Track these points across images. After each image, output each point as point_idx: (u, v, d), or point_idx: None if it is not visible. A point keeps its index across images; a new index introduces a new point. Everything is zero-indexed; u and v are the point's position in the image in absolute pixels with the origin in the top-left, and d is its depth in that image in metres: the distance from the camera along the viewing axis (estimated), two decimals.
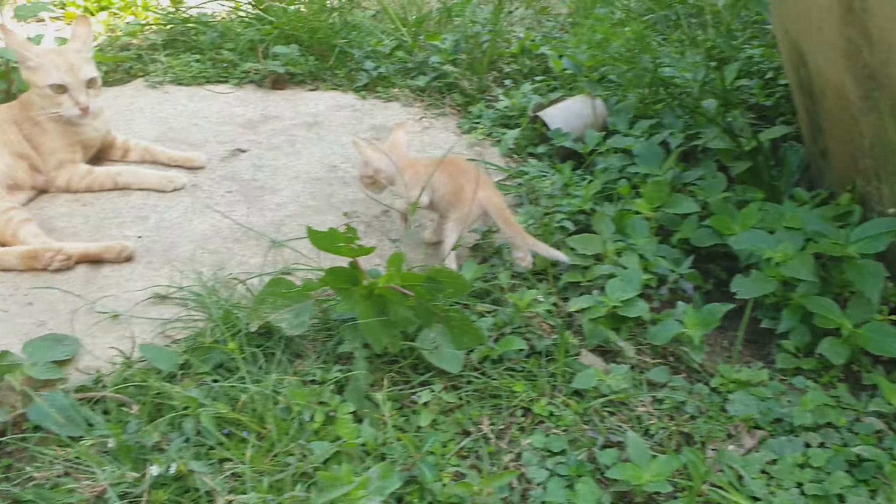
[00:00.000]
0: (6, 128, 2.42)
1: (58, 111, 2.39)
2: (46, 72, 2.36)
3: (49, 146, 2.44)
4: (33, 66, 2.37)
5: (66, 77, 2.36)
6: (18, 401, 1.69)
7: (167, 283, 2.09)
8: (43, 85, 2.36)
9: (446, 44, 3.37)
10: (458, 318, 1.73)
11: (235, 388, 1.68)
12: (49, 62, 2.36)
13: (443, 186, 2.21)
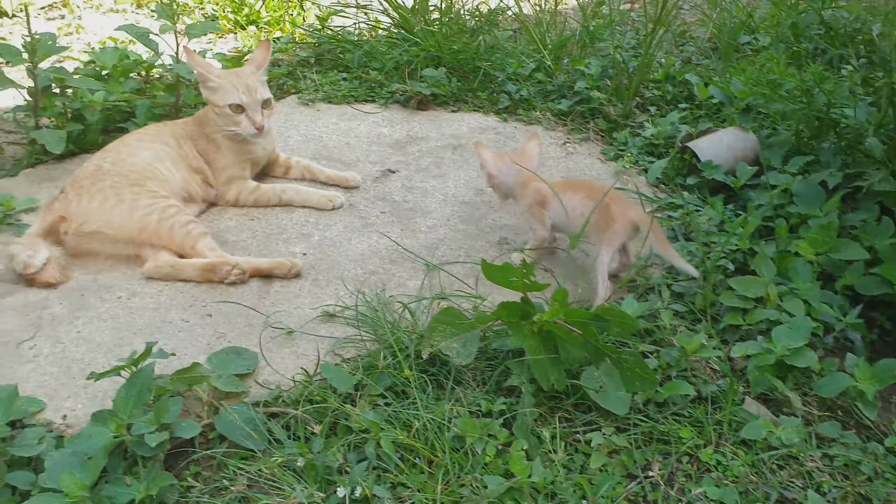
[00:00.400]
0: (183, 143, 2.57)
1: (235, 129, 2.52)
2: (226, 92, 2.50)
3: (221, 162, 2.58)
4: (214, 87, 2.51)
5: (244, 98, 2.50)
6: (204, 411, 1.80)
7: (334, 302, 2.18)
8: (223, 105, 2.50)
9: (592, 69, 3.38)
10: (631, 360, 1.74)
11: (409, 413, 1.74)
12: (228, 83, 2.50)
13: (579, 206, 2.24)
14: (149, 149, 2.49)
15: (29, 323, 2.10)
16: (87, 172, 2.38)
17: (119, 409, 1.63)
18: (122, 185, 2.33)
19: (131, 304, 2.17)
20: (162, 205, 2.32)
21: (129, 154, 2.44)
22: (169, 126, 2.65)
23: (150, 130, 2.61)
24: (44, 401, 1.83)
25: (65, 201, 2.33)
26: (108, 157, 2.44)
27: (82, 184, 2.35)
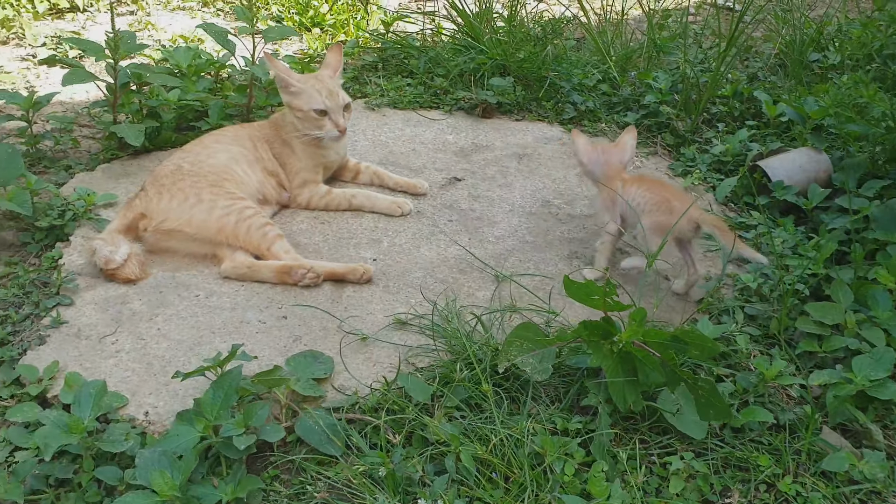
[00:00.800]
0: (259, 145, 2.62)
1: (318, 133, 2.57)
2: (310, 97, 2.54)
3: (296, 166, 2.62)
4: (296, 91, 2.55)
5: (327, 102, 2.54)
6: (283, 414, 1.83)
7: (405, 309, 2.20)
8: (307, 109, 2.54)
9: (661, 83, 3.35)
10: (707, 389, 1.72)
11: (485, 428, 1.74)
12: (311, 88, 2.54)
13: (639, 197, 2.29)
14: (227, 150, 2.53)
15: (110, 318, 2.15)
16: (167, 171, 2.43)
17: (206, 409, 1.67)
18: (202, 186, 2.37)
19: (209, 303, 2.21)
20: (239, 206, 2.36)
21: (207, 155, 2.49)
22: (246, 128, 2.69)
23: (228, 132, 2.65)
24: (127, 396, 1.88)
25: (145, 199, 2.38)
26: (187, 157, 2.49)
27: (163, 182, 2.40)
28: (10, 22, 4.10)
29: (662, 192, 2.31)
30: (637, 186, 2.34)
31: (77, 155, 3.02)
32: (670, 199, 2.27)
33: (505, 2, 4.16)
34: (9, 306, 2.20)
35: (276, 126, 2.66)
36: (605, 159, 2.42)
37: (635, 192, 2.32)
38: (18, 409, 1.81)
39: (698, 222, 2.24)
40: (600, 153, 2.44)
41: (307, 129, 2.58)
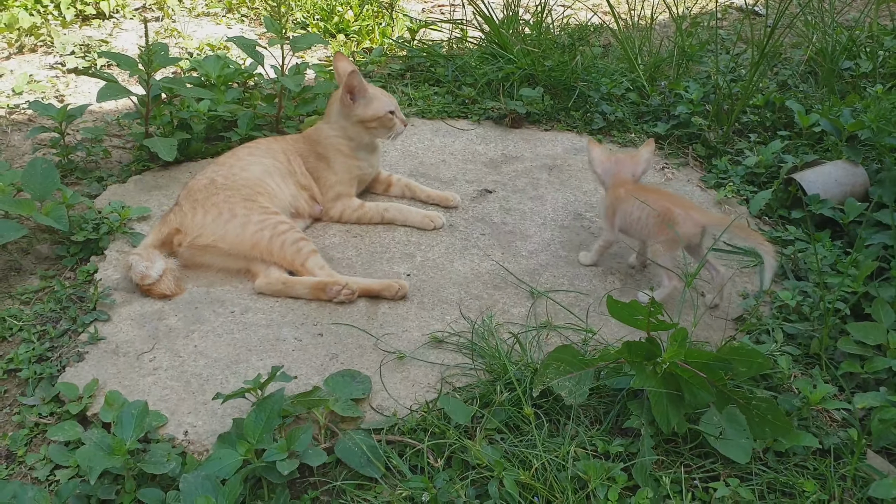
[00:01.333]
0: (292, 159, 2.62)
1: (391, 132, 2.66)
2: (381, 101, 2.63)
3: (331, 179, 2.62)
4: (371, 97, 2.63)
5: (393, 103, 2.66)
6: (321, 435, 1.82)
7: (440, 326, 2.19)
8: (384, 112, 2.63)
9: (693, 93, 3.32)
10: (763, 406, 1.70)
11: (527, 451, 1.73)
12: (379, 93, 2.66)
13: (637, 210, 2.32)
14: (260, 164, 2.53)
15: (147, 334, 2.15)
16: (201, 185, 2.44)
17: (248, 433, 1.67)
18: (235, 200, 2.38)
19: (245, 320, 2.21)
20: (273, 221, 2.35)
21: (241, 168, 2.49)
22: (279, 142, 2.69)
23: (262, 145, 2.65)
24: (166, 415, 1.88)
25: (180, 214, 2.38)
26: (220, 170, 2.49)
27: (196, 197, 2.40)
28: (38, 29, 4.13)
29: (663, 201, 2.32)
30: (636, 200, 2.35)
31: (108, 166, 3.03)
32: (671, 207, 2.29)
33: (530, 8, 4.14)
34: (46, 321, 2.21)
35: (311, 141, 2.67)
36: (618, 170, 2.44)
37: (636, 204, 2.34)
38: (59, 427, 1.82)
39: (704, 225, 2.29)
40: (613, 164, 2.46)
41: (378, 134, 2.67)
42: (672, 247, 2.29)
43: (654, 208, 2.30)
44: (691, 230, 2.27)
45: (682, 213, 2.27)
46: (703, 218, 2.30)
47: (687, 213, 2.28)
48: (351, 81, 2.58)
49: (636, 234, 2.39)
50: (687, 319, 2.18)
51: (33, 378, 2.01)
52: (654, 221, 2.30)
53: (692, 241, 2.30)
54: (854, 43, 3.86)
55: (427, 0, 5.16)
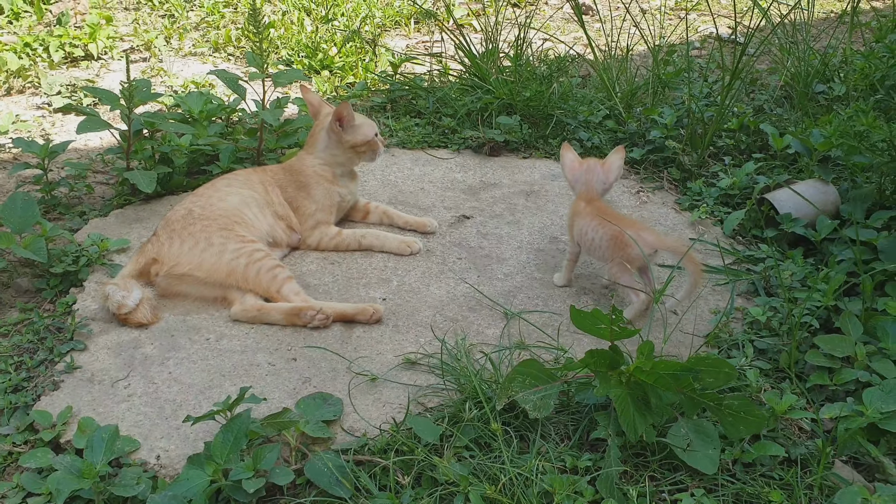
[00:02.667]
0: (270, 189, 2.66)
1: (376, 154, 2.79)
2: (368, 126, 2.78)
3: (310, 208, 2.66)
4: (358, 125, 2.74)
5: (374, 126, 2.77)
6: (292, 456, 1.84)
7: (414, 349, 2.21)
8: (372, 135, 2.76)
9: (667, 118, 3.38)
10: (735, 405, 1.72)
11: (494, 467, 1.74)
12: (362, 119, 2.78)
13: (592, 231, 2.39)
14: (237, 194, 2.58)
15: (122, 362, 2.17)
16: (178, 216, 2.48)
17: (216, 453, 1.68)
18: (212, 230, 2.41)
19: (220, 346, 2.23)
20: (249, 248, 2.39)
21: (218, 199, 2.53)
22: (258, 172, 2.74)
23: (240, 176, 2.70)
24: (139, 440, 1.90)
25: (157, 244, 2.42)
26: (198, 201, 2.53)
27: (174, 227, 2.44)
28: (27, 71, 4.20)
29: (615, 224, 2.37)
30: (592, 220, 2.42)
31: (91, 200, 3.07)
32: (622, 230, 2.34)
33: (511, 41, 4.22)
34: (24, 352, 2.23)
35: (293, 171, 2.72)
36: (587, 178, 2.48)
37: (591, 225, 2.41)
38: (32, 454, 1.83)
39: (656, 248, 2.35)
40: (584, 171, 2.50)
41: (366, 157, 2.78)
42: (625, 269, 2.34)
43: (606, 232, 2.36)
44: (646, 251, 2.31)
45: (634, 236, 2.31)
46: (654, 240, 2.35)
47: (638, 235, 2.32)
48: (342, 111, 2.68)
49: (592, 255, 2.45)
50: (657, 337, 2.21)
51: (8, 408, 2.03)
52: (607, 244, 2.35)
53: (644, 262, 2.34)
54: (827, 67, 3.93)
55: (411, 36, 5.26)
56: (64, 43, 4.48)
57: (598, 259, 2.45)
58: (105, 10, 5.29)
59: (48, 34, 4.54)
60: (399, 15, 5.42)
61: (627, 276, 2.34)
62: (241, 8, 5.51)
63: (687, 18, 5.18)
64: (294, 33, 4.91)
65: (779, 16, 4.01)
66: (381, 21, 5.32)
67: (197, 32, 5.15)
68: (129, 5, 5.58)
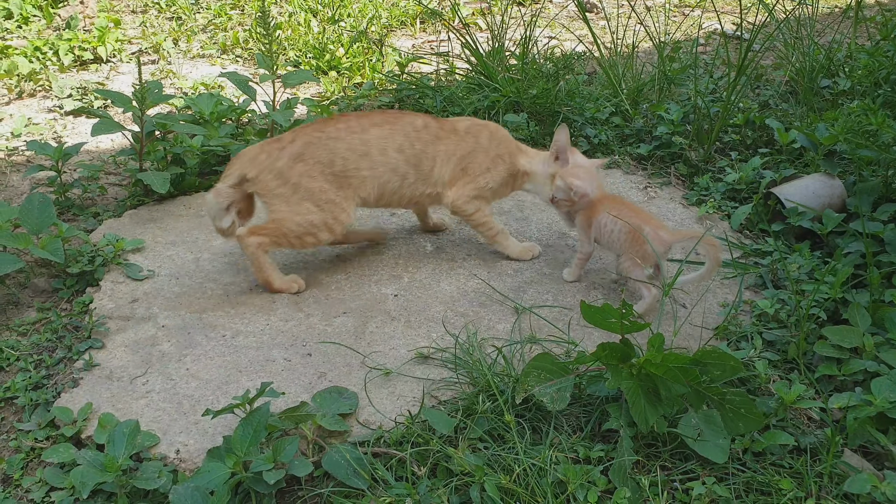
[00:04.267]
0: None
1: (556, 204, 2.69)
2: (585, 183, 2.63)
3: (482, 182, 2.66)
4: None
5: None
6: (309, 449, 1.87)
7: (427, 344, 2.24)
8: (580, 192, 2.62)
9: (673, 114, 3.41)
10: (736, 400, 1.75)
11: (509, 458, 1.78)
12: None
13: (611, 223, 2.41)
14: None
15: (140, 359, 2.21)
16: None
17: (236, 446, 1.71)
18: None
19: (235, 343, 2.27)
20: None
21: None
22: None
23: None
24: (158, 435, 1.93)
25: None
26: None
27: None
28: (38, 75, 4.25)
29: (634, 219, 2.42)
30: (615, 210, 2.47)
31: (104, 202, 3.11)
32: (641, 225, 2.39)
33: (517, 40, 4.25)
34: (42, 351, 2.27)
35: (496, 144, 2.68)
36: (596, 182, 2.54)
37: (609, 218, 2.46)
38: (54, 450, 1.87)
39: (671, 244, 2.40)
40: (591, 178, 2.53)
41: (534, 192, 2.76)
42: (637, 264, 2.38)
43: (624, 225, 2.38)
44: (659, 249, 2.34)
45: (651, 232, 2.35)
46: (670, 237, 2.39)
47: (656, 234, 2.35)
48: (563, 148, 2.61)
49: (609, 247, 2.46)
50: (668, 330, 2.24)
51: (29, 405, 2.07)
52: (625, 237, 2.38)
53: (656, 260, 2.37)
54: (832, 62, 3.95)
55: (417, 36, 5.29)
56: (73, 46, 4.52)
57: (614, 251, 2.46)
58: (113, 13, 5.33)
59: (58, 38, 4.59)
60: (405, 15, 5.45)
61: (639, 270, 2.37)
62: (248, 10, 5.55)
63: (693, 15, 5.20)
64: (301, 34, 4.94)
65: (783, 12, 4.04)
66: (388, 21, 5.35)
67: (204, 34, 5.19)
68: (136, 8, 5.63)
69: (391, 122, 2.56)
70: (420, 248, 2.76)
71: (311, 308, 2.42)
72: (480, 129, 2.67)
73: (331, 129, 2.50)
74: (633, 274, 2.37)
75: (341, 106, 3.94)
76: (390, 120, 2.58)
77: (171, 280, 2.55)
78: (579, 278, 2.57)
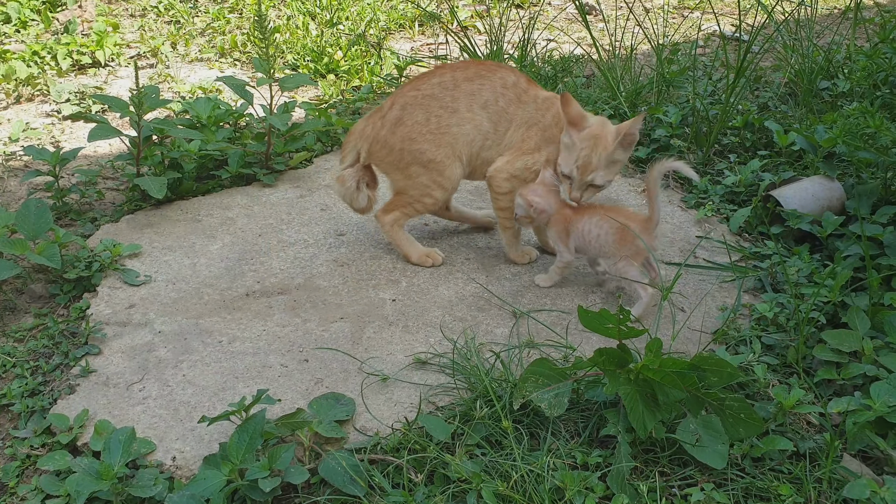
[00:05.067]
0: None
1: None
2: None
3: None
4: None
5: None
6: (306, 456, 1.86)
7: (425, 348, 2.23)
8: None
9: (671, 117, 3.40)
10: (735, 406, 1.74)
11: (506, 464, 1.77)
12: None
13: (596, 228, 2.41)
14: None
15: (137, 365, 2.20)
16: None
17: (232, 453, 1.71)
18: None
19: (232, 349, 2.26)
20: None
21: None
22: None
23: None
24: (154, 442, 1.92)
25: None
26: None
27: None
28: (36, 79, 4.24)
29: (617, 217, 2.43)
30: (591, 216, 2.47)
31: (102, 206, 3.11)
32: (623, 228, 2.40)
33: (515, 42, 4.25)
34: (39, 357, 2.26)
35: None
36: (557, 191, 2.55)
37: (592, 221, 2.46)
38: (50, 457, 1.86)
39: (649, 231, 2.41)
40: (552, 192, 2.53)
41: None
42: (632, 263, 2.38)
43: (610, 226, 2.39)
44: (651, 242, 2.37)
45: (638, 227, 2.36)
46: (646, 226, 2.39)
47: (642, 226, 2.37)
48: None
49: (598, 253, 2.45)
50: (666, 333, 2.23)
51: (25, 411, 2.06)
52: (612, 238, 2.38)
53: (647, 254, 2.39)
54: (831, 63, 3.95)
55: (415, 39, 5.28)
56: (72, 51, 4.52)
57: (602, 255, 2.44)
58: (111, 17, 5.33)
59: (56, 42, 4.58)
60: (403, 18, 5.45)
61: (634, 270, 2.37)
62: (246, 13, 5.54)
63: (692, 17, 5.20)
64: (299, 38, 4.94)
65: (782, 13, 4.03)
66: (386, 24, 5.34)
67: (203, 38, 5.19)
68: (135, 12, 5.62)
69: (482, 77, 2.54)
70: None
71: (308, 313, 2.41)
72: (552, 103, 2.54)
73: (426, 86, 2.53)
74: (629, 274, 2.37)
75: (339, 109, 3.93)
76: (483, 73, 2.55)
77: (167, 285, 2.55)
78: (555, 284, 2.56)
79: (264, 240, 2.80)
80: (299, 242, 2.79)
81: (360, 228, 2.88)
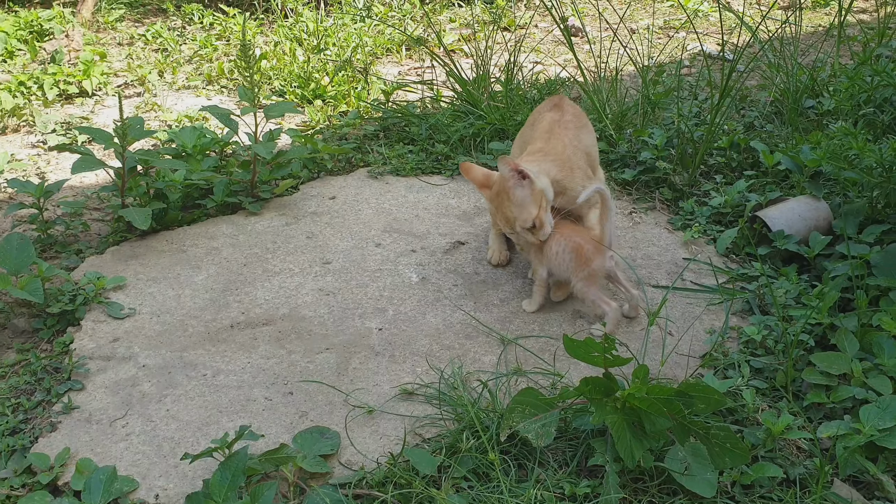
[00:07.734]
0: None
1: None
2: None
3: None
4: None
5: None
6: (290, 491, 1.83)
7: (411, 378, 2.21)
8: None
9: (657, 139, 3.40)
10: (721, 435, 1.73)
11: (493, 498, 1.74)
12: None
13: (556, 245, 2.44)
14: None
15: (120, 401, 2.18)
16: None
17: (214, 491, 1.68)
18: None
19: (216, 382, 2.23)
20: None
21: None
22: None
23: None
24: (137, 480, 1.89)
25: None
26: None
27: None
28: (21, 110, 4.23)
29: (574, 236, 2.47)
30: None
31: (87, 238, 3.09)
32: (581, 242, 2.45)
33: (501, 65, 4.26)
34: (21, 394, 2.23)
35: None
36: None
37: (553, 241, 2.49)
38: (30, 498, 1.83)
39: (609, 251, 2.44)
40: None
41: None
42: (592, 282, 2.40)
43: (568, 243, 2.42)
44: (604, 262, 2.39)
45: (594, 250, 2.39)
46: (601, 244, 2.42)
47: (596, 246, 2.40)
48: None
49: (561, 273, 2.47)
50: (655, 358, 2.22)
51: (6, 451, 2.03)
52: (569, 257, 2.40)
53: (608, 270, 2.43)
54: (816, 82, 3.97)
55: (403, 63, 5.30)
56: (58, 80, 4.51)
57: (564, 275, 2.45)
58: (99, 46, 5.34)
59: (42, 72, 4.58)
60: (390, 42, 5.47)
61: (595, 288, 2.39)
62: (233, 40, 5.56)
63: (677, 37, 5.23)
64: (286, 64, 4.94)
65: (766, 32, 4.05)
66: (373, 49, 5.36)
67: (190, 66, 5.20)
68: (122, 41, 5.63)
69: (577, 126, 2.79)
70: (405, 280, 2.73)
71: (293, 344, 2.39)
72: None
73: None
74: (589, 294, 2.38)
75: (326, 135, 3.93)
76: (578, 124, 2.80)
77: (152, 318, 2.52)
78: (541, 307, 2.55)
79: (249, 269, 2.78)
80: (284, 272, 2.77)
81: (346, 256, 2.86)
